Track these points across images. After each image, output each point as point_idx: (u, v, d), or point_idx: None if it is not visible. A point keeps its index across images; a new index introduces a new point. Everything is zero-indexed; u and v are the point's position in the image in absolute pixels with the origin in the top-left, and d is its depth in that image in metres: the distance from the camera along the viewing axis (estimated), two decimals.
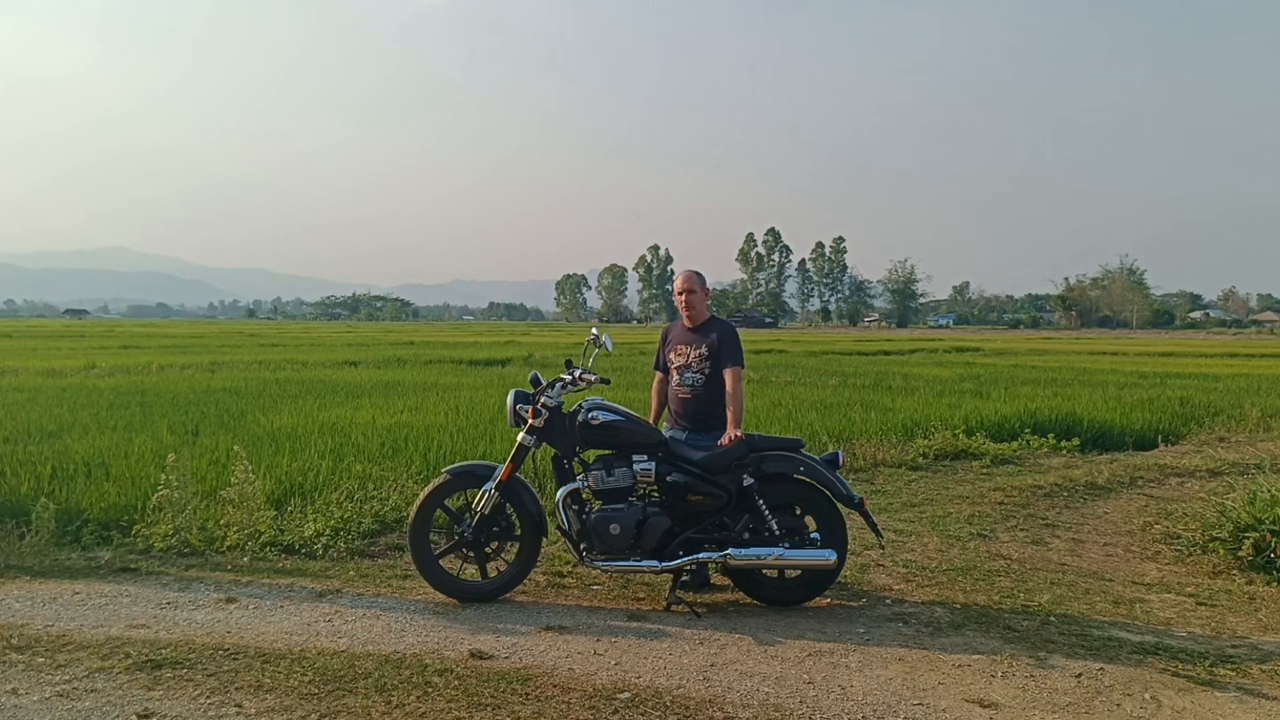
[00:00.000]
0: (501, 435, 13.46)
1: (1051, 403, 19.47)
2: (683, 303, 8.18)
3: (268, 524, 9.06)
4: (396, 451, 12.34)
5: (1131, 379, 28.63)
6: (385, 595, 7.70)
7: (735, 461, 7.45)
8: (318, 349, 45.44)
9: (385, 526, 9.46)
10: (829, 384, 25.53)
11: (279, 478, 10.58)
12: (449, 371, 29.50)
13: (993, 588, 8.08)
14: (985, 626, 7.08)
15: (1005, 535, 9.99)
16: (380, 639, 6.68)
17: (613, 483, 7.50)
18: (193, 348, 45.10)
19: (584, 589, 7.96)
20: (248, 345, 50.21)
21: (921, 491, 12.08)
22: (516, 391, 7.72)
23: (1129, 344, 71.71)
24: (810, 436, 14.41)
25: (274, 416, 16.00)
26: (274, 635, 6.73)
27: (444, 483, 7.69)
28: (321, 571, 8.28)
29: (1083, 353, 52.58)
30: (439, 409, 17.38)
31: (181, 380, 24.22)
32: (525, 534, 7.66)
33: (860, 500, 7.49)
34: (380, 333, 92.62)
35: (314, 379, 25.21)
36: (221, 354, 38.59)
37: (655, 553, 7.44)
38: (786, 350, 50.26)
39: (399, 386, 22.95)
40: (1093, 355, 48.85)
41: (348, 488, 10.20)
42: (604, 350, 7.83)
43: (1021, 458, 14.69)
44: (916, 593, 7.93)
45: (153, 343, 52.37)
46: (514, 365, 34.46)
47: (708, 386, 7.95)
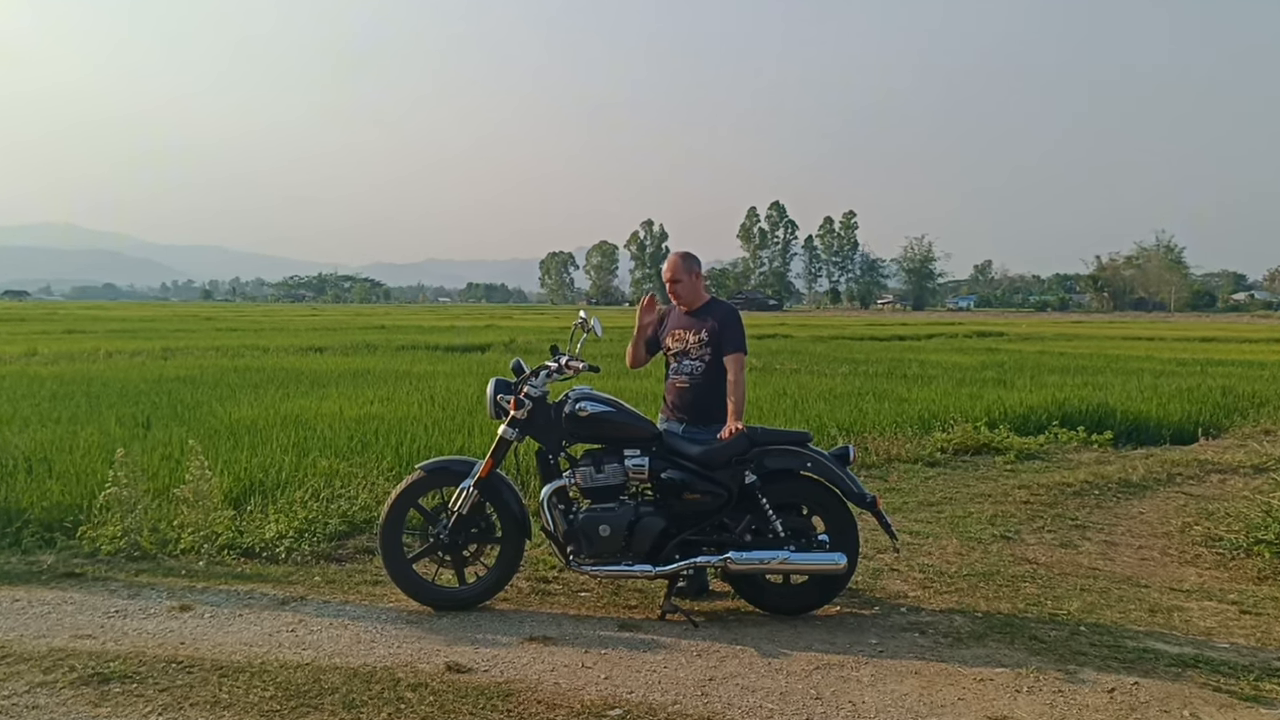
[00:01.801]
0: (481, 428, 13.45)
1: (1081, 393, 19.50)
2: (672, 294, 8.16)
3: (225, 525, 9.04)
4: (366, 446, 12.32)
5: (1169, 366, 28.67)
6: (354, 603, 7.69)
7: (736, 457, 7.44)
8: (280, 334, 45.35)
9: (354, 528, 9.45)
10: (838, 372, 25.54)
11: (238, 474, 10.55)
12: (423, 358, 29.47)
13: (1017, 595, 8.08)
14: (1009, 637, 7.08)
15: (1031, 537, 10.00)
16: (348, 650, 6.67)
17: (602, 480, 7.49)
18: (143, 332, 45.03)
19: (571, 596, 7.95)
20: (203, 330, 50.11)
21: (940, 489, 12.10)
22: (497, 380, 7.70)
23: (1166, 328, 71.84)
24: (818, 429, 14.42)
25: (232, 408, 15.96)
26: (232, 646, 6.71)
27: (418, 480, 7.68)
28: (284, 577, 8.27)
29: (1116, 338, 52.68)
30: (412, 399, 17.35)
31: (131, 368, 24.17)
32: (506, 536, 7.65)
33: (873, 499, 7.49)
34: (348, 316, 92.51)
35: (276, 366, 25.16)
36: (175, 339, 38.51)
37: (649, 556, 7.43)
38: (792, 335, 50.27)
39: (369, 375, 22.91)
40: (1127, 340, 48.94)
41: (313, 485, 10.18)
42: (593, 335, 7.81)
43: (1049, 453, 14.71)
44: (934, 600, 7.94)
45: (100, 327, 52.31)
46: (494, 351, 34.42)
47: (707, 375, 7.93)
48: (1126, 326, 78.37)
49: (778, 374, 24.83)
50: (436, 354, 32.07)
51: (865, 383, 22.14)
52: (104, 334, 42.79)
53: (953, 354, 34.69)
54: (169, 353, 30.52)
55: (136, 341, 36.19)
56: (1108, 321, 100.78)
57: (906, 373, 25.37)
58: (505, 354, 32.13)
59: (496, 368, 24.84)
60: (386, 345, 35.83)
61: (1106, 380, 23.20)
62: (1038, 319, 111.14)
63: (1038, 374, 24.97)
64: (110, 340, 36.91)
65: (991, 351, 36.82)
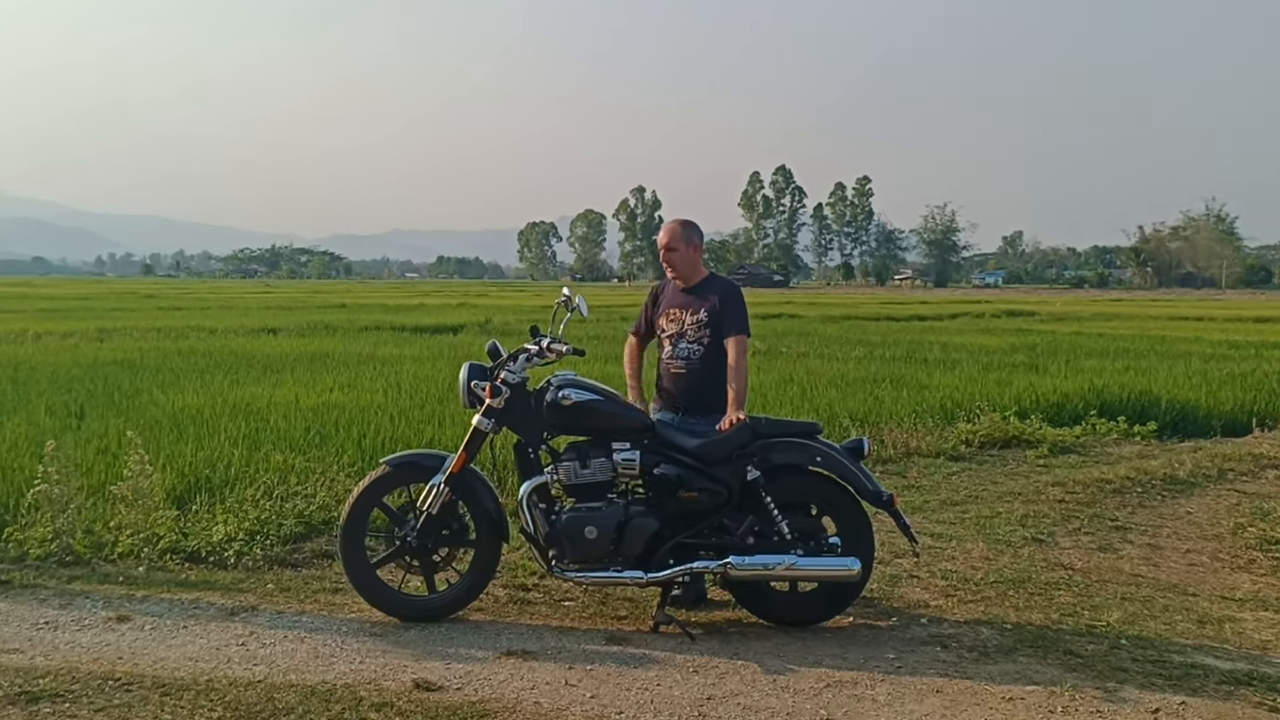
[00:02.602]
0: (453, 418, 13.44)
1: (1122, 379, 19.51)
2: (666, 262, 8.14)
3: (168, 526, 9.02)
4: (325, 438, 12.31)
5: (1220, 350, 28.72)
6: (311, 613, 7.68)
7: (738, 450, 7.42)
8: (229, 313, 45.31)
9: (311, 529, 9.44)
10: (851, 356, 25.56)
11: (182, 470, 10.54)
12: (388, 340, 29.46)
13: (1051, 604, 8.09)
14: (1042, 651, 7.08)
15: (1066, 540, 10.01)
16: (305, 666, 6.66)
17: (588, 476, 7.47)
18: (76, 312, 44.94)
19: (553, 605, 7.95)
20: (144, 308, 50.05)
21: (964, 487, 12.12)
22: (471, 365, 7.67)
23: (1216, 307, 71.95)
24: (829, 420, 14.42)
25: (176, 395, 15.94)
26: (175, 662, 6.70)
27: (383, 476, 7.66)
28: (233, 584, 8.26)
29: (1160, 317, 52.75)
30: (376, 386, 17.35)
31: (63, 351, 24.14)
32: (481, 539, 7.63)
33: (889, 497, 7.47)
34: (305, 293, 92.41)
35: (224, 350, 25.14)
36: (112, 319, 38.47)
37: (640, 561, 7.41)
38: (800, 314, 50.31)
39: (328, 359, 22.90)
40: (1172, 321, 49.01)
41: (265, 482, 10.16)
42: (577, 315, 7.78)
43: (1086, 446, 14.73)
44: (958, 610, 7.94)
45: (27, 305, 52.19)
46: (468, 333, 34.44)
47: (706, 359, 7.91)
48: (1172, 305, 78.50)
49: (783, 358, 24.83)
50: (403, 335, 32.05)
51: (881, 368, 22.15)
52: (32, 313, 42.72)
53: (979, 335, 34.72)
54: (105, 334, 30.49)
55: (68, 322, 36.13)
56: (1151, 299, 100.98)
57: (927, 356, 25.38)
58: (480, 336, 32.11)
59: (470, 351, 24.82)
60: (347, 326, 35.83)
61: (1150, 365, 23.24)
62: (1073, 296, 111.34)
63: (1073, 358, 25.00)
64: (39, 321, 36.86)
65: (1022, 333, 36.86)
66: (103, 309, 48.15)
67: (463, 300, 70.22)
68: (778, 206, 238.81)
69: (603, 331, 32.88)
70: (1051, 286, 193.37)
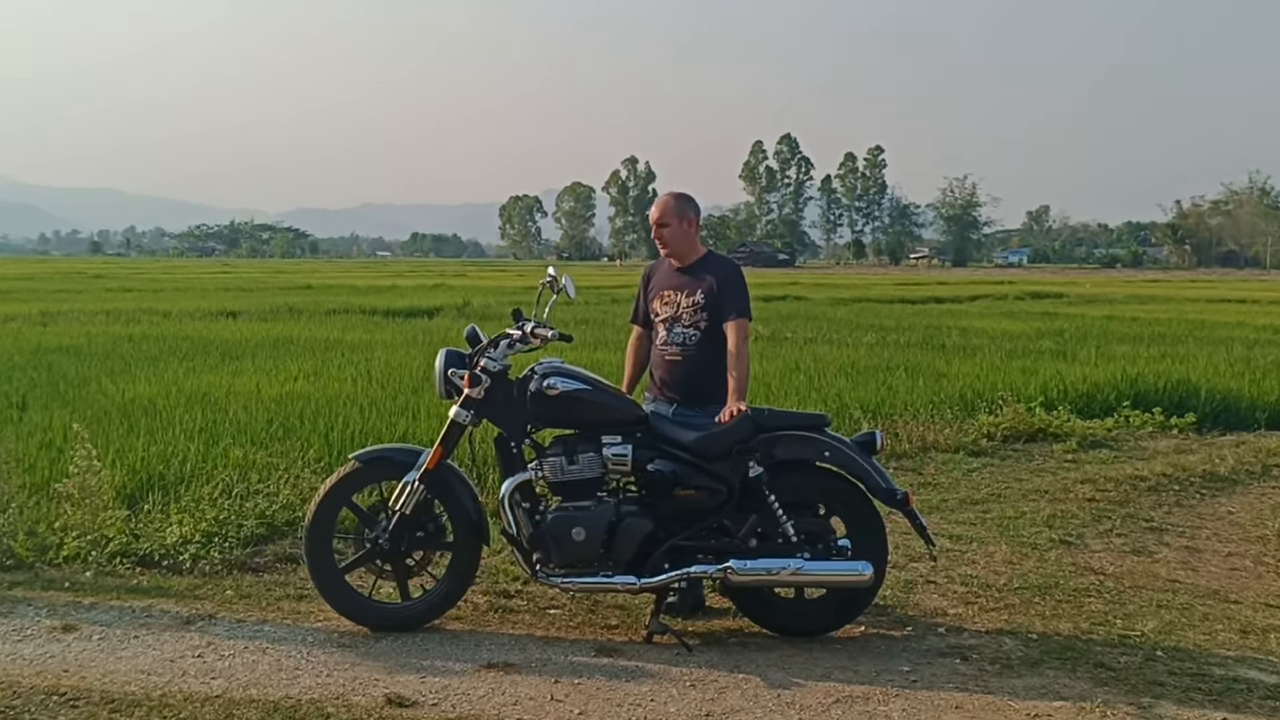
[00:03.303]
0: (428, 410, 13.44)
1: (1158, 367, 19.51)
2: (658, 238, 8.12)
3: (118, 527, 9.01)
4: (289, 432, 12.30)
5: (1265, 335, 28.75)
6: (273, 622, 7.68)
7: (739, 445, 7.41)
8: (185, 295, 45.26)
9: (274, 531, 9.44)
10: (863, 341, 25.58)
11: (133, 466, 10.54)
12: (358, 324, 29.47)
13: (1080, 612, 8.10)
14: (1070, 664, 7.09)
15: (1097, 542, 10.03)
16: (267, 680, 6.66)
17: (576, 472, 7.46)
18: (17, 293, 44.88)
19: (537, 614, 7.95)
20: (92, 290, 49.99)
21: (986, 484, 12.13)
22: (448, 351, 7.67)
23: (1261, 288, 72.04)
24: (838, 411, 14.42)
25: (126, 385, 15.93)
26: (126, 675, 6.70)
27: (352, 473, 7.67)
28: (189, 590, 8.25)
29: (1199, 300, 52.78)
30: (345, 375, 17.34)
31: (3, 337, 24.10)
32: (459, 541, 7.64)
33: (904, 496, 7.47)
34: (268, 273, 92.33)
35: (179, 335, 25.12)
36: (56, 301, 38.41)
37: (632, 565, 7.41)
38: (806, 296, 50.31)
39: (292, 344, 22.89)
40: (1213, 303, 49.02)
41: (224, 479, 10.15)
42: (564, 297, 7.78)
43: (1118, 440, 14.75)
44: (979, 619, 7.95)
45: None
46: (445, 316, 34.42)
47: (703, 346, 7.90)
48: (1212, 286, 78.51)
49: (788, 344, 24.85)
50: (374, 319, 32.05)
51: (895, 354, 22.17)
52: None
53: (1002, 319, 34.73)
54: (49, 318, 30.45)
55: (9, 304, 36.08)
56: (1190, 280, 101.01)
57: (945, 342, 25.41)
58: (458, 320, 32.07)
59: (447, 336, 24.81)
60: (313, 309, 35.81)
61: (1188, 351, 23.23)
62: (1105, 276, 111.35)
63: (1105, 344, 25.02)
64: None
65: (1049, 316, 36.88)
66: (46, 290, 48.06)
67: (439, 281, 70.17)
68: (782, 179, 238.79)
69: (592, 315, 32.87)
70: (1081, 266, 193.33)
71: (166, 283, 61.64)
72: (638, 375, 8.50)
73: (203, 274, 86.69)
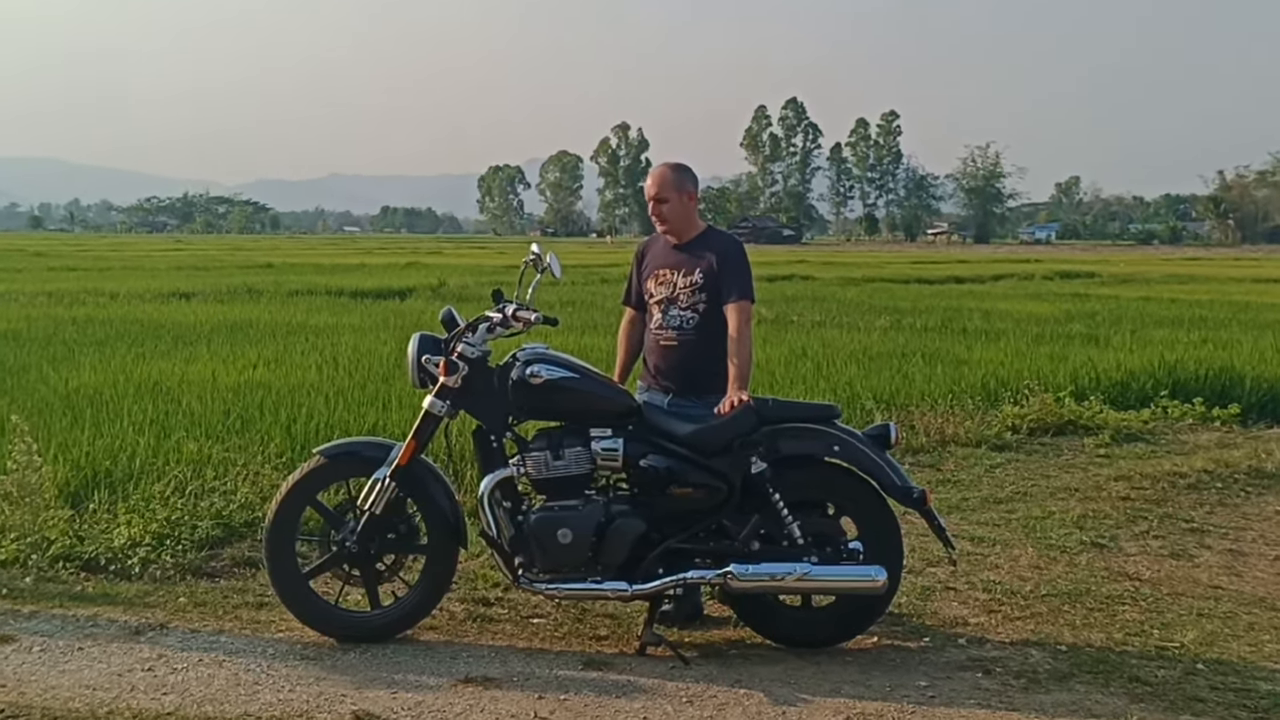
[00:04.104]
0: (400, 400, 13.44)
1: (1199, 353, 19.52)
2: (655, 215, 8.09)
3: (60, 529, 9.00)
4: (248, 424, 12.30)
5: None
6: (231, 632, 7.68)
7: (740, 438, 7.40)
8: (133, 274, 45.23)
9: (231, 532, 9.45)
10: (876, 325, 25.60)
11: (77, 462, 10.53)
12: (323, 307, 29.48)
13: (1114, 621, 8.11)
14: (1103, 678, 7.09)
15: (1132, 545, 10.04)
16: (223, 696, 6.66)
17: (562, 468, 7.45)
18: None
19: (520, 623, 7.96)
20: (31, 268, 49.93)
21: (1010, 482, 12.15)
22: (421, 336, 7.64)
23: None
24: (848, 402, 14.43)
25: (70, 373, 15.91)
26: (69, 690, 6.69)
27: (316, 469, 7.65)
28: (139, 597, 8.24)
29: (1244, 279, 52.79)
30: (309, 362, 17.33)
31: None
32: (434, 543, 7.63)
33: (921, 494, 7.46)
34: (224, 250, 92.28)
35: (128, 318, 25.11)
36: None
37: (624, 570, 7.40)
38: (814, 276, 50.34)
39: (251, 329, 22.88)
40: (1259, 283, 49.06)
41: (177, 476, 10.15)
42: (548, 276, 7.76)
43: (1155, 433, 14.76)
44: (1003, 628, 7.96)
45: None
46: (419, 298, 34.41)
47: (701, 330, 7.89)
48: (1258, 264, 78.57)
49: (794, 328, 24.87)
50: (341, 301, 32.06)
51: (911, 339, 22.19)
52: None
53: (1028, 301, 34.75)
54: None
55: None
56: (1234, 258, 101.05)
57: (966, 326, 25.44)
58: (432, 301, 32.07)
59: (421, 320, 24.80)
60: (275, 290, 35.80)
61: (1232, 336, 23.23)
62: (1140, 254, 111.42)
63: (1140, 328, 25.05)
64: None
65: (1079, 298, 36.88)
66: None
67: (412, 259, 70.15)
68: (788, 147, 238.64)
69: (579, 296, 32.87)
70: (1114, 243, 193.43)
71: (114, 261, 61.62)
72: (630, 362, 8.50)
73: (153, 251, 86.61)
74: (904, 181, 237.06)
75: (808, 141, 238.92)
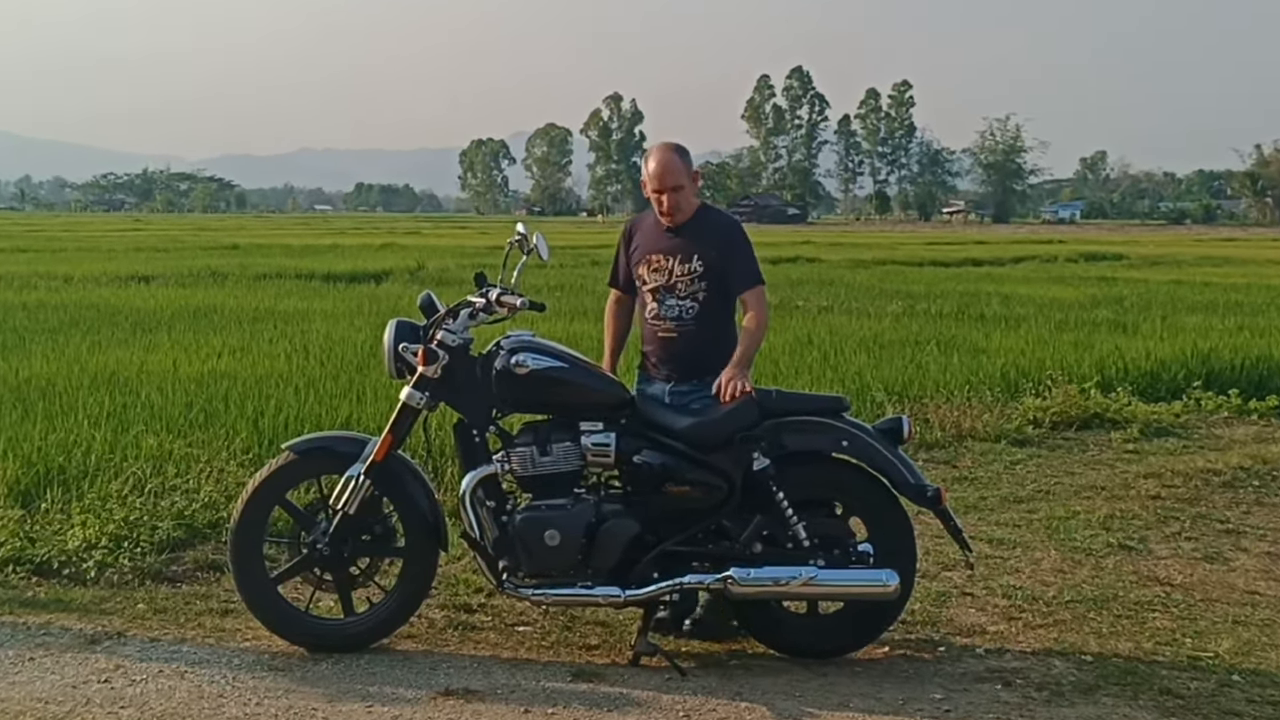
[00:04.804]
0: (376, 391, 13.44)
1: (1235, 341, 19.56)
2: (666, 205, 7.97)
3: (10, 530, 9.02)
4: (212, 417, 12.30)
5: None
6: (194, 641, 7.67)
7: (741, 432, 7.39)
8: (89, 256, 45.21)
9: (194, 534, 9.44)
10: (887, 311, 25.62)
11: (28, 458, 10.53)
12: (293, 291, 29.50)
13: (1143, 629, 8.11)
14: (1131, 690, 7.09)
15: (1163, 547, 10.04)
16: (186, 709, 6.65)
17: (549, 465, 7.44)
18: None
19: (504, 632, 7.96)
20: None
21: (1032, 479, 12.16)
22: (399, 323, 7.62)
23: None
24: (857, 393, 14.43)
25: (20, 362, 15.92)
26: (20, 703, 6.69)
27: (286, 466, 7.65)
28: (94, 604, 8.24)
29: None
30: (278, 350, 17.35)
31: None
32: (412, 546, 7.63)
33: (936, 493, 7.43)
34: (187, 230, 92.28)
35: (83, 303, 25.11)
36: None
37: (616, 574, 7.40)
38: (821, 258, 50.36)
39: (215, 315, 22.91)
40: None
41: (135, 474, 10.16)
42: (535, 258, 7.75)
43: (1188, 427, 14.78)
44: (1024, 637, 7.96)
45: None
46: (395, 281, 34.42)
47: (703, 320, 7.83)
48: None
49: (800, 314, 24.89)
50: (312, 285, 32.08)
51: (925, 326, 22.21)
52: None
53: (1050, 285, 34.78)
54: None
55: None
56: (1271, 238, 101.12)
57: (984, 312, 25.46)
58: (410, 285, 32.05)
59: (398, 305, 24.79)
60: (240, 273, 35.82)
61: (1270, 322, 23.27)
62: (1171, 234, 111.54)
63: (1172, 314, 25.07)
64: None
65: (1106, 282, 36.90)
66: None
67: (388, 240, 70.11)
68: (792, 119, 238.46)
69: (568, 280, 32.87)
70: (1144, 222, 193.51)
71: (68, 241, 61.60)
72: (619, 346, 8.46)
73: (110, 231, 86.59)
74: (917, 156, 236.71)
75: (814, 113, 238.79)
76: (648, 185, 7.96)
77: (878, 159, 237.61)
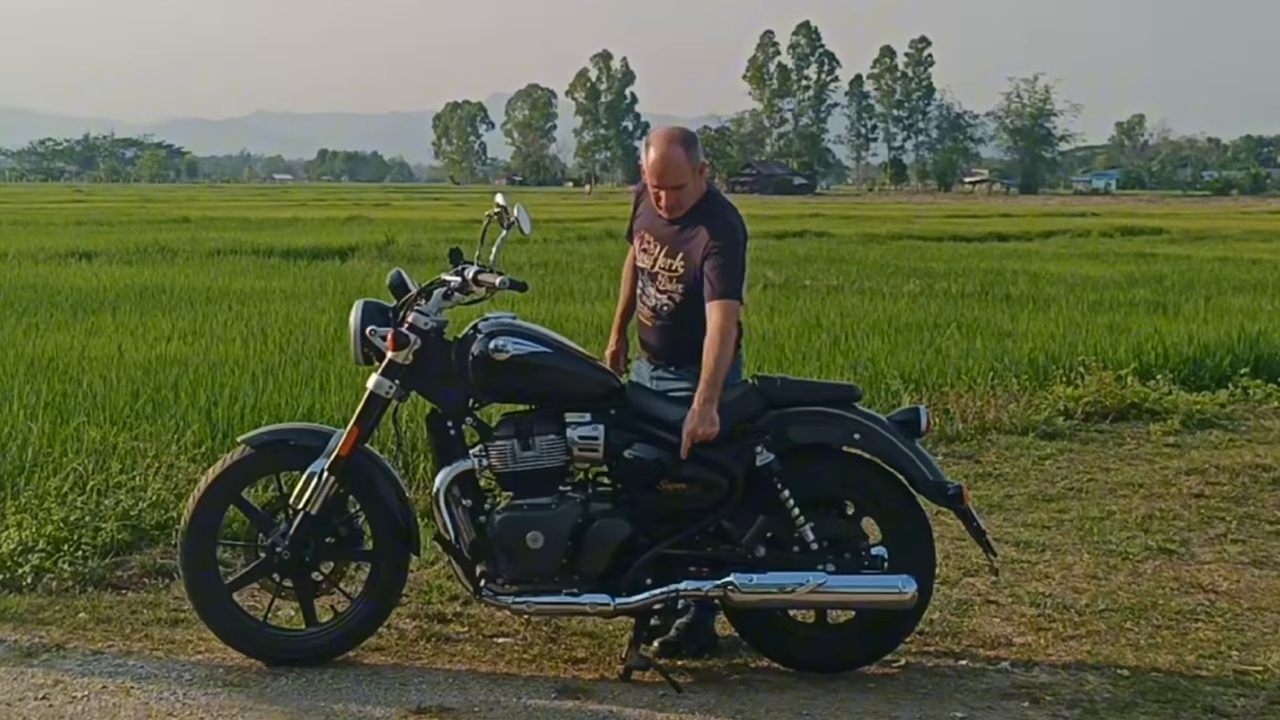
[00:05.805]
0: (340, 379, 13.44)
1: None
2: (664, 202, 7.89)
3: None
4: (160, 407, 12.30)
5: None
6: (140, 654, 7.67)
7: (743, 424, 7.38)
8: (25, 230, 45.21)
9: (140, 536, 9.44)
10: (903, 291, 25.63)
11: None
12: (250, 269, 29.51)
13: (1185, 641, 8.11)
14: (1172, 707, 7.09)
15: (1206, 551, 10.05)
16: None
17: (532, 460, 7.42)
18: None
19: (482, 644, 7.96)
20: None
21: (1063, 476, 12.16)
22: (366, 304, 7.60)
23: None
24: (871, 381, 14.45)
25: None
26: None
27: (242, 461, 7.63)
28: (31, 613, 8.23)
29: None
30: (233, 334, 17.36)
31: None
32: (381, 549, 7.63)
33: (957, 490, 7.43)
34: (133, 202, 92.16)
35: (18, 282, 25.12)
36: None
37: (605, 581, 7.39)
38: (831, 232, 50.34)
39: (164, 295, 22.89)
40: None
41: (76, 469, 10.15)
42: (516, 232, 7.73)
43: (1234, 418, 14.79)
44: (1054, 649, 7.97)
45: None
46: (362, 258, 34.42)
47: (677, 318, 7.80)
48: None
49: (807, 293, 24.90)
50: (270, 262, 32.06)
51: (945, 307, 22.23)
52: None
53: (1083, 262, 34.82)
54: None
55: None
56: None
57: (1010, 292, 25.48)
58: (379, 263, 32.06)
59: (365, 285, 24.79)
60: (191, 249, 35.79)
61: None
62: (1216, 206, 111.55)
63: (1217, 294, 25.09)
64: None
65: (1144, 259, 36.94)
66: None
67: (354, 212, 70.14)
68: (799, 80, 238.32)
69: (552, 257, 32.87)
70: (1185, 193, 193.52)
71: (2, 214, 61.51)
72: (632, 304, 8.37)
73: (49, 203, 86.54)
74: (936, 121, 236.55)
75: (823, 73, 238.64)
76: (646, 175, 7.89)
77: (893, 123, 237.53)
